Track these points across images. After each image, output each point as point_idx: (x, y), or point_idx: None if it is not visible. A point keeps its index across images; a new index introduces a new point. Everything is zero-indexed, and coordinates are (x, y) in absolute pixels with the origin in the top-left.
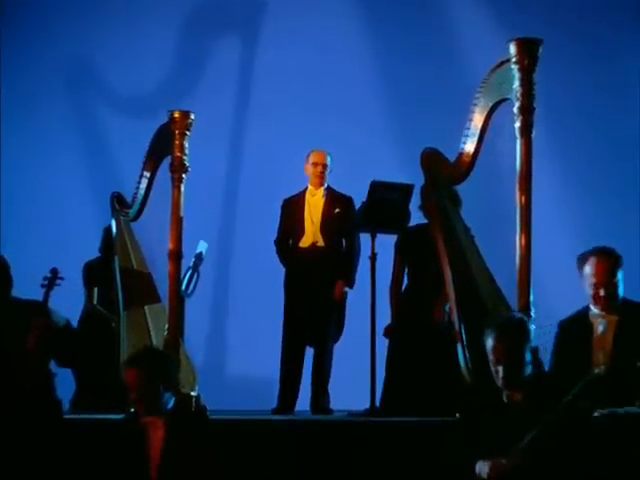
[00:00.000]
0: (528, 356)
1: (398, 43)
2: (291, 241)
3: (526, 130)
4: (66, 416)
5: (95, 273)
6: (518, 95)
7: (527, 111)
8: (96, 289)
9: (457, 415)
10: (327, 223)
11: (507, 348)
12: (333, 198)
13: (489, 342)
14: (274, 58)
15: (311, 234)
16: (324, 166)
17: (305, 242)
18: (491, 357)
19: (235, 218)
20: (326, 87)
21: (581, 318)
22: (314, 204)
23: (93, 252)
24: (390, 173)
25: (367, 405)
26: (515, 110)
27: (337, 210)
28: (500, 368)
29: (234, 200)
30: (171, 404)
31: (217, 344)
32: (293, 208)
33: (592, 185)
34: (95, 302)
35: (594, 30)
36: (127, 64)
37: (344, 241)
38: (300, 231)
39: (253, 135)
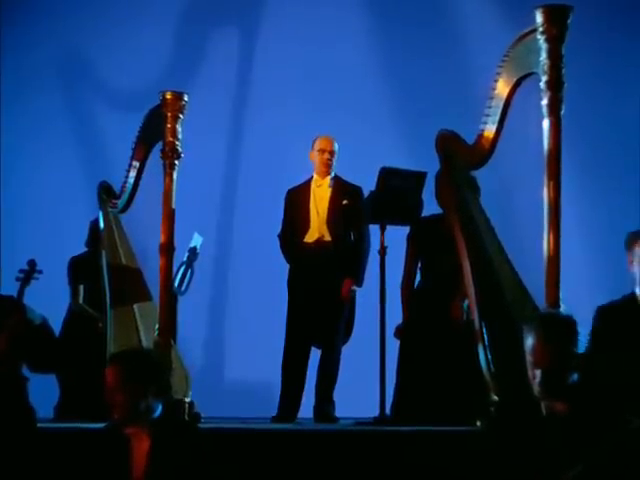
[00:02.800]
0: (573, 362)
1: (401, 34)
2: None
3: (554, 107)
4: (40, 424)
5: (81, 269)
6: (545, 68)
7: (555, 86)
8: (82, 286)
9: (478, 424)
10: (334, 216)
11: (549, 349)
12: (341, 188)
13: (529, 341)
14: (275, 49)
15: (317, 228)
16: (331, 153)
17: (310, 237)
18: (529, 358)
19: (234, 210)
20: (328, 78)
21: (628, 304)
22: (320, 195)
23: (82, 247)
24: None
25: (376, 413)
26: (542, 85)
27: (345, 202)
28: (538, 372)
29: (233, 191)
30: (158, 412)
31: (214, 346)
32: (297, 199)
33: (603, 178)
34: (81, 300)
35: (604, 24)
36: (125, 56)
37: (352, 235)
38: (305, 225)
39: (254, 124)
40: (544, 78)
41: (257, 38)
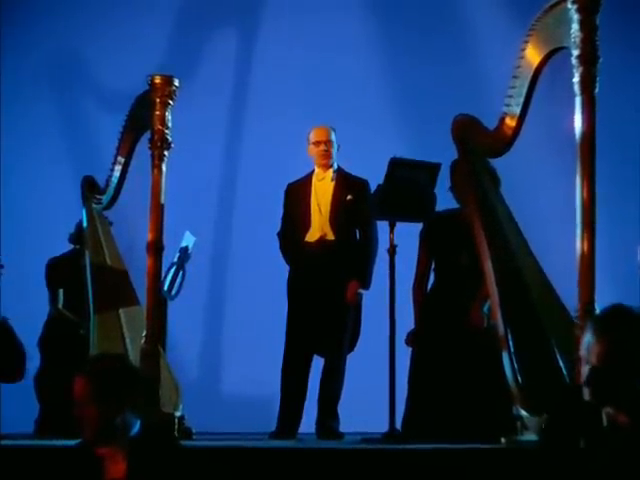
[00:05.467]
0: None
1: (404, 38)
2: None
3: (588, 84)
4: (11, 441)
5: (59, 271)
6: (577, 41)
7: (589, 61)
8: (61, 290)
9: (502, 441)
10: (337, 212)
11: (606, 341)
12: (345, 182)
13: (588, 336)
14: (275, 52)
15: (319, 226)
16: (327, 143)
17: (312, 236)
18: (584, 354)
19: (233, 210)
20: (329, 82)
21: None
22: (322, 190)
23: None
24: None
25: (385, 428)
26: (573, 60)
27: (349, 197)
28: (586, 369)
29: (232, 190)
30: (136, 430)
31: (209, 355)
32: (298, 195)
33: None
34: (60, 305)
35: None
36: (123, 58)
37: (358, 233)
38: (306, 222)
39: (253, 124)
40: (575, 52)
41: (257, 41)
